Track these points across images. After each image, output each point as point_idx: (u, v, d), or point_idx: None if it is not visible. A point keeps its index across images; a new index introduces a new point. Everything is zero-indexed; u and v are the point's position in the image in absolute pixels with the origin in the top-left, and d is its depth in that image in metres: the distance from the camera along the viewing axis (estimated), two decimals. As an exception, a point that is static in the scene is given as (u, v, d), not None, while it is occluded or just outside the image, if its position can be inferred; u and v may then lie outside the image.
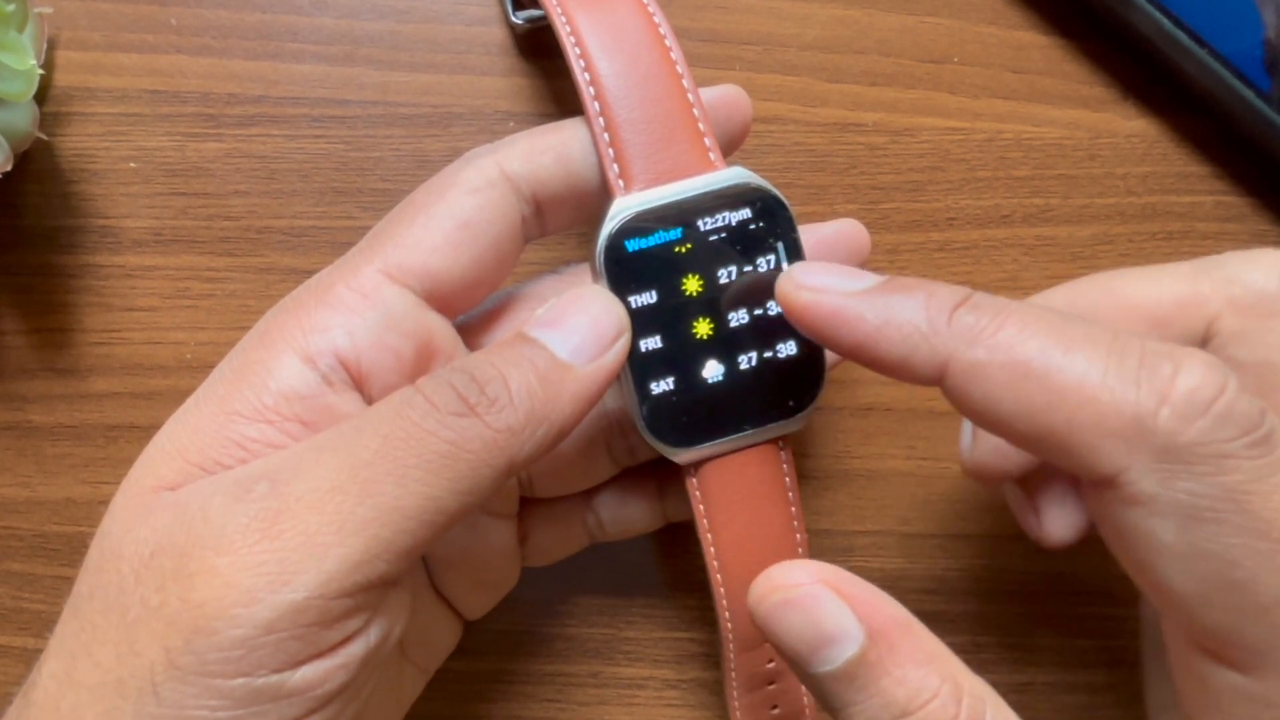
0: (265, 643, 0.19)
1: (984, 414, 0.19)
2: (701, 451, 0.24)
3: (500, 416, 0.20)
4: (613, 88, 0.24)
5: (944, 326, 0.19)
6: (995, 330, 0.19)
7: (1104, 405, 0.18)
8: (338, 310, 0.22)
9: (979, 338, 0.19)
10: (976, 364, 0.19)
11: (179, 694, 0.19)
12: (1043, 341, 0.19)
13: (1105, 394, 0.18)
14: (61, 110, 0.31)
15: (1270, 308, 0.22)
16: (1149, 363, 0.18)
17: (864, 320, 0.20)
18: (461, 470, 0.20)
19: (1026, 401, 0.19)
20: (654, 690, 0.31)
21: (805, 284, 0.21)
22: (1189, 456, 0.18)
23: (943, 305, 0.20)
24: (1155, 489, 0.18)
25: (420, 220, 0.23)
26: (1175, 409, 0.18)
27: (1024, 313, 0.19)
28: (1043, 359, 0.18)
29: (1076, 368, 0.18)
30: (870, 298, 0.20)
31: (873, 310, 0.20)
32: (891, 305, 0.20)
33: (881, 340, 0.20)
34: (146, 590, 0.20)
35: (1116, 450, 0.18)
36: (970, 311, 0.20)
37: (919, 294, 0.20)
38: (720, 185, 0.24)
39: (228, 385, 0.22)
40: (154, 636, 0.19)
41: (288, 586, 0.19)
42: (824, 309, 0.21)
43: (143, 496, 0.21)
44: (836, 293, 0.21)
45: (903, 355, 0.20)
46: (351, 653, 0.20)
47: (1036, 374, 0.18)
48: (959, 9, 0.33)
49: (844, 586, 0.20)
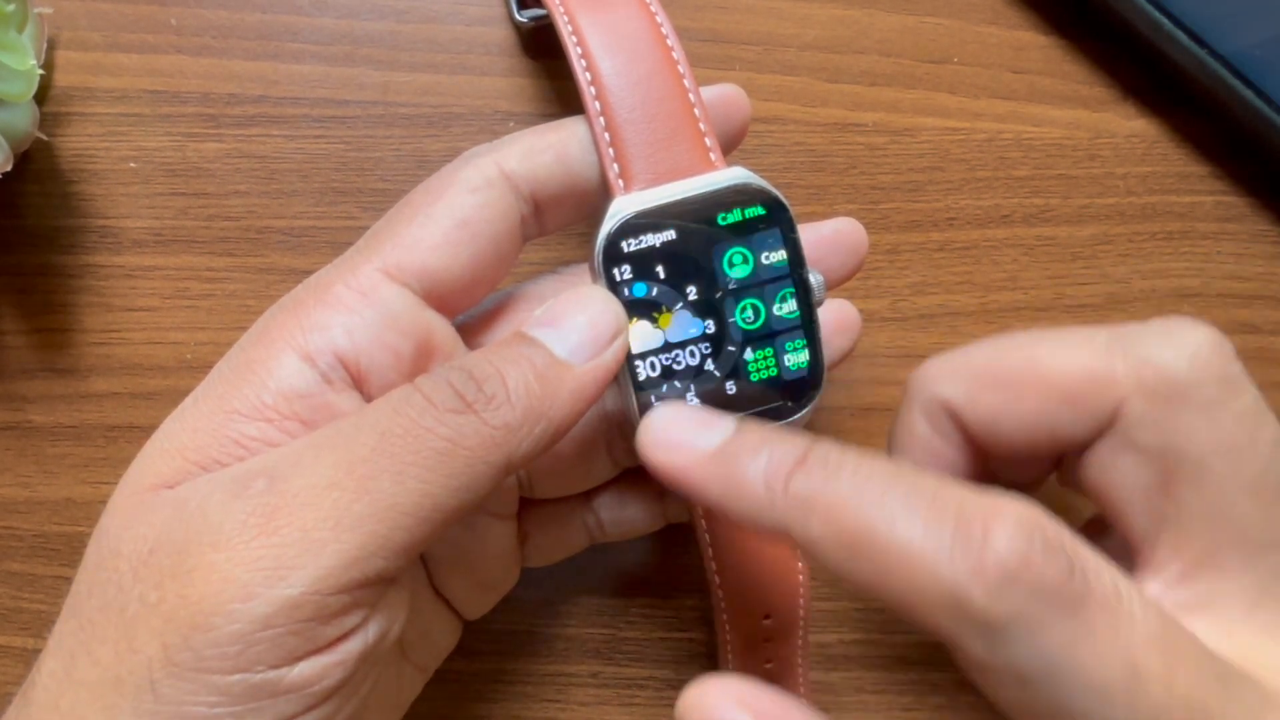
0: (262, 638, 0.19)
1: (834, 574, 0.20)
2: None
3: (498, 414, 0.20)
4: (614, 87, 0.24)
5: (780, 496, 0.20)
6: (827, 497, 0.19)
7: (927, 584, 0.18)
8: (337, 309, 0.22)
9: (812, 508, 0.19)
10: (812, 540, 0.19)
11: (177, 690, 0.19)
12: (870, 512, 0.19)
13: (925, 573, 0.18)
14: (61, 110, 0.32)
15: (1178, 393, 0.22)
16: (962, 529, 0.18)
17: (708, 489, 0.21)
18: (459, 467, 0.20)
19: (862, 575, 0.19)
20: (654, 690, 0.31)
21: (659, 440, 0.22)
22: (1005, 629, 0.18)
23: (779, 469, 0.20)
24: (985, 655, 0.18)
25: (419, 219, 0.23)
26: (985, 585, 0.18)
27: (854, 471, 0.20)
28: (870, 535, 0.19)
29: (900, 539, 0.19)
30: (715, 462, 0.21)
31: (717, 477, 0.21)
32: (734, 472, 0.20)
33: (729, 506, 0.20)
34: (145, 587, 0.20)
35: (945, 622, 0.18)
36: (804, 476, 0.20)
37: (761, 455, 0.20)
38: (720, 185, 0.24)
39: (227, 384, 0.22)
40: (152, 633, 0.19)
41: (284, 582, 0.19)
42: (675, 471, 0.21)
43: (141, 495, 0.21)
44: (688, 452, 0.21)
45: (750, 522, 0.20)
46: (349, 649, 0.20)
47: (865, 551, 0.19)
48: (959, 9, 0.33)
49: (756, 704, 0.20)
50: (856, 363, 0.32)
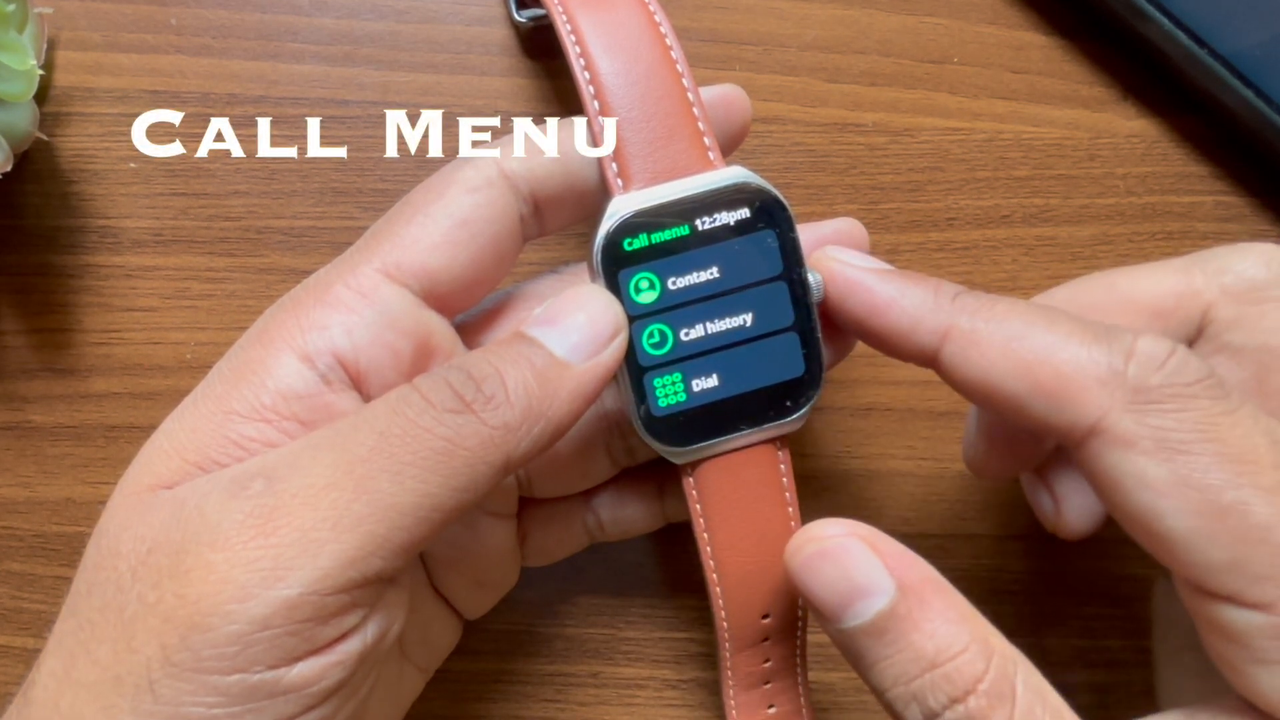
0: (260, 639, 0.19)
1: (977, 379, 0.22)
2: (699, 451, 0.24)
3: (497, 413, 0.20)
4: (613, 86, 0.24)
5: (947, 303, 0.22)
6: (990, 306, 0.22)
7: (1083, 360, 0.21)
8: (336, 309, 0.22)
9: (977, 312, 0.22)
10: (975, 330, 0.22)
11: (175, 691, 0.19)
12: (1028, 318, 0.22)
13: (1084, 351, 0.21)
14: (61, 110, 0.32)
15: (1261, 294, 0.24)
16: (1113, 334, 0.21)
17: (880, 290, 0.23)
18: (458, 467, 0.20)
19: (1016, 360, 0.21)
20: (654, 690, 0.31)
21: (836, 256, 0.24)
22: (1158, 395, 0.20)
23: (947, 289, 0.23)
24: (1134, 427, 0.20)
25: (419, 219, 0.23)
26: (1139, 361, 0.20)
27: (1011, 300, 0.22)
28: (1029, 328, 0.21)
29: (1057, 334, 0.21)
30: (886, 275, 0.23)
31: (888, 284, 0.23)
32: (904, 284, 0.23)
33: (892, 309, 0.23)
34: (143, 587, 0.20)
35: (1097, 395, 0.20)
36: (969, 295, 0.23)
37: (928, 280, 0.23)
38: (719, 184, 0.24)
39: (226, 384, 0.22)
40: (150, 633, 0.19)
41: (282, 582, 0.19)
42: (848, 277, 0.23)
43: (140, 495, 0.21)
44: (860, 268, 0.24)
45: (909, 325, 0.22)
46: (348, 649, 0.20)
47: (1025, 337, 0.21)
48: (959, 9, 0.33)
49: (877, 543, 0.22)
50: (856, 363, 0.32)
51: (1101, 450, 0.20)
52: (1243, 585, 0.20)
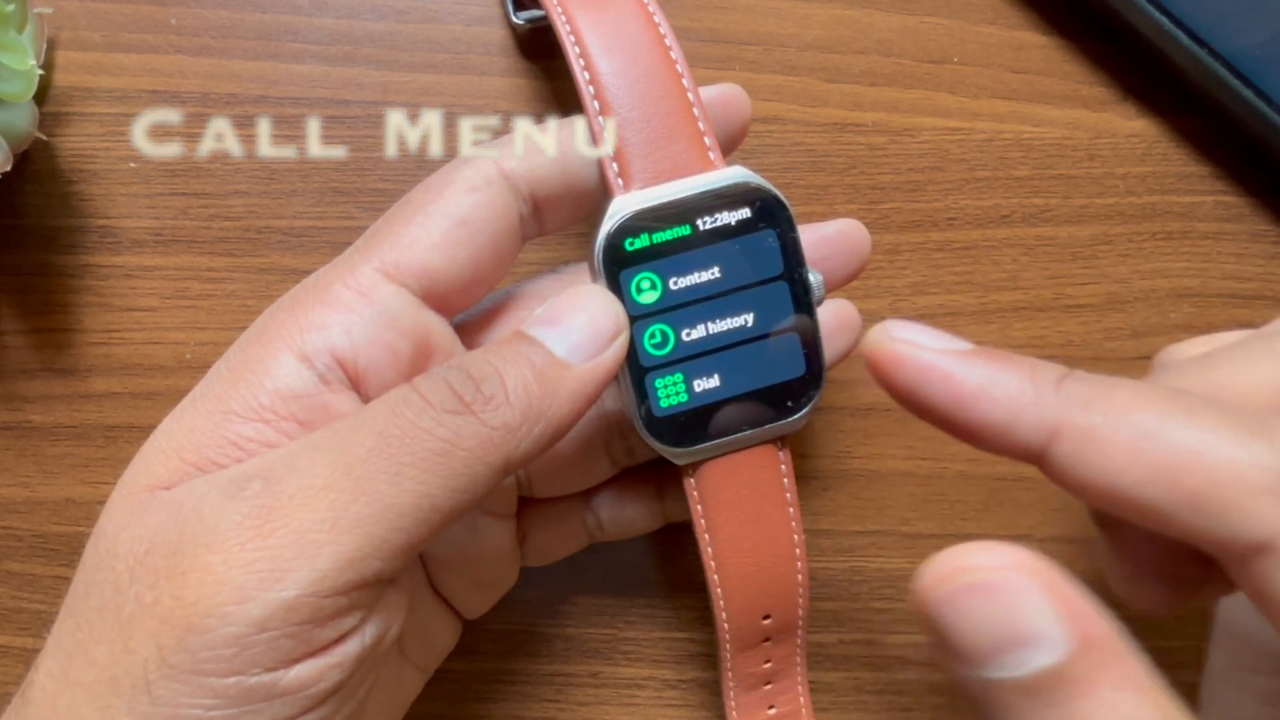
0: (258, 641, 0.19)
1: (1103, 483, 0.18)
2: (700, 452, 0.24)
3: (496, 414, 0.20)
4: (612, 86, 0.24)
5: (1051, 393, 0.18)
6: (1106, 396, 0.18)
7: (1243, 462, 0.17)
8: (335, 309, 0.22)
9: (1092, 402, 0.18)
10: (1093, 427, 0.18)
11: (172, 692, 0.19)
12: (1160, 407, 0.18)
13: (1242, 451, 0.17)
14: (61, 110, 0.32)
15: None
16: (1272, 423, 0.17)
17: (965, 380, 0.19)
18: (457, 468, 0.20)
19: (1154, 464, 0.17)
20: (654, 690, 0.31)
21: (900, 337, 0.20)
22: None
23: (1048, 375, 0.19)
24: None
25: (418, 219, 0.23)
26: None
27: (1133, 384, 0.18)
28: (1164, 423, 0.17)
29: (1202, 429, 0.17)
30: (970, 359, 0.19)
31: (974, 370, 0.19)
32: (994, 369, 0.19)
33: (985, 401, 0.19)
34: (141, 588, 0.20)
35: (1267, 508, 0.17)
36: (1077, 381, 0.18)
37: (1022, 364, 0.19)
38: (720, 184, 0.24)
39: (224, 384, 0.22)
40: (148, 634, 0.19)
41: (280, 584, 0.19)
42: (921, 363, 0.19)
43: (139, 495, 0.21)
44: (934, 350, 0.19)
45: (1006, 420, 0.18)
46: (346, 651, 0.20)
47: (1161, 434, 0.17)
48: (959, 9, 0.33)
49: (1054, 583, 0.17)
50: (856, 363, 0.32)
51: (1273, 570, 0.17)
52: None
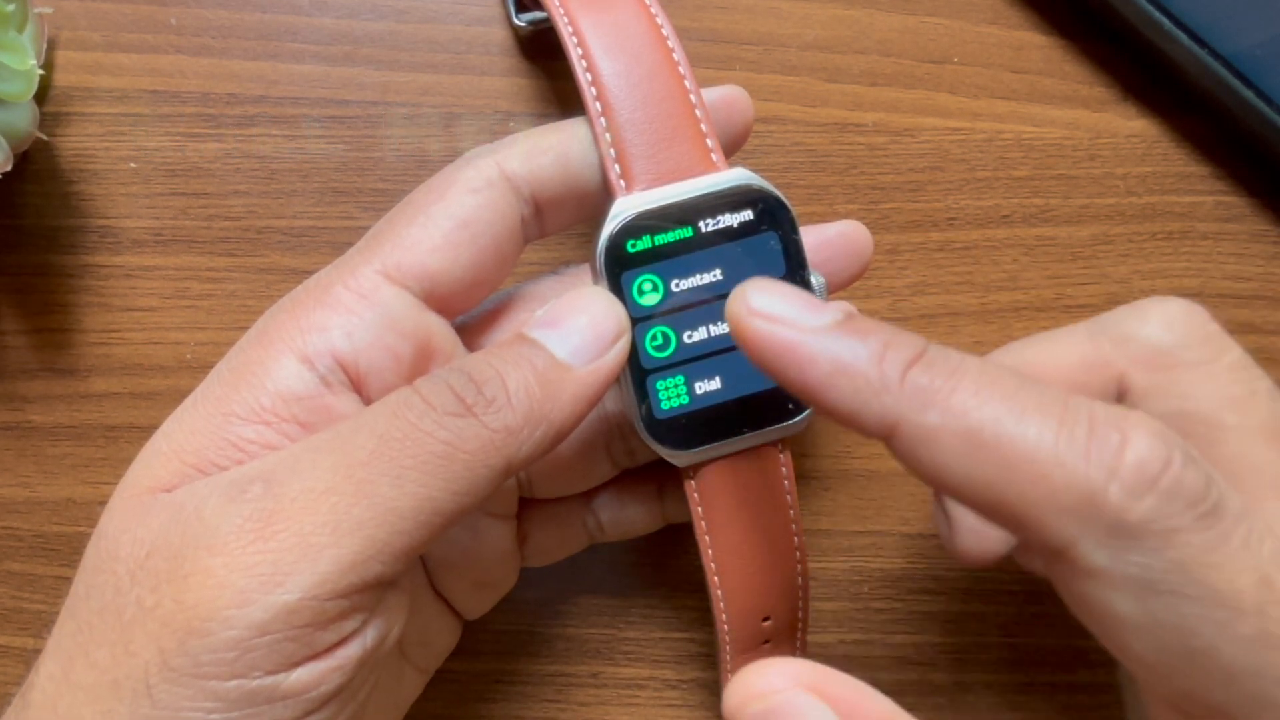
0: (259, 644, 0.19)
1: (933, 478, 0.19)
2: (701, 454, 0.24)
3: (498, 417, 0.20)
4: (614, 88, 0.24)
5: (895, 385, 0.18)
6: (949, 393, 0.18)
7: (1055, 480, 0.18)
8: (336, 310, 0.22)
9: (932, 400, 0.18)
10: (927, 428, 0.18)
11: (173, 695, 0.19)
12: (996, 408, 0.18)
13: (1056, 469, 0.18)
14: (61, 110, 0.31)
15: (1170, 359, 0.22)
16: (1099, 433, 0.18)
17: (815, 364, 0.19)
18: (458, 471, 0.20)
19: (978, 471, 0.18)
20: (654, 690, 0.31)
21: (758, 310, 0.19)
22: (1139, 532, 0.17)
23: (896, 360, 0.19)
24: (1107, 563, 0.18)
25: (419, 220, 0.23)
26: (1124, 485, 0.17)
27: (979, 374, 0.19)
28: (995, 427, 0.18)
29: (1029, 438, 0.18)
30: (824, 338, 0.19)
31: (826, 355, 0.19)
32: (845, 352, 0.19)
33: (831, 389, 0.19)
34: (142, 591, 0.20)
35: (1068, 525, 0.18)
36: (924, 371, 0.19)
37: (875, 343, 0.19)
38: (722, 186, 0.24)
39: (225, 386, 0.22)
40: (149, 638, 0.19)
41: (281, 588, 0.19)
42: (776, 343, 0.19)
43: (140, 498, 0.21)
44: (792, 326, 0.19)
45: (852, 409, 0.19)
46: (347, 654, 0.20)
47: (988, 444, 0.18)
48: (959, 9, 0.33)
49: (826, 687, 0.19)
50: (856, 363, 0.32)
51: (1072, 575, 0.18)
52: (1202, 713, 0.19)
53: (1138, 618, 0.18)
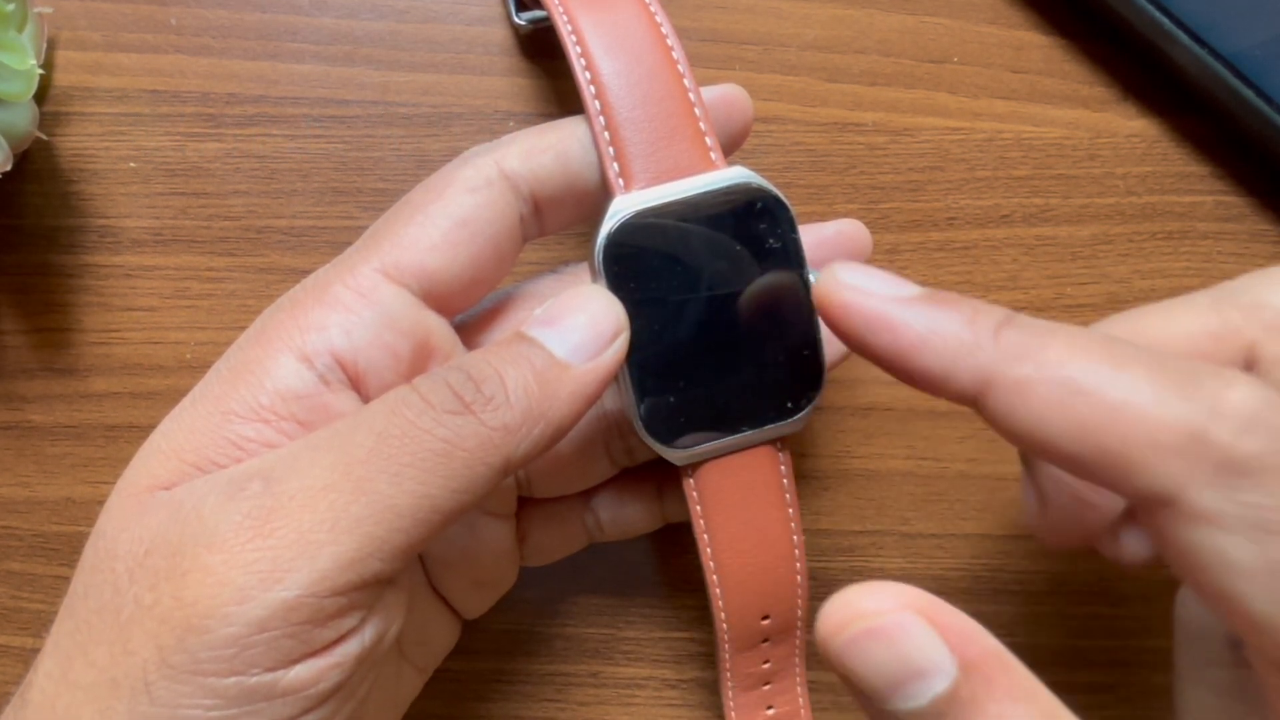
0: (258, 641, 0.19)
1: (1029, 433, 0.19)
2: (699, 452, 0.24)
3: (496, 415, 0.20)
4: (614, 86, 0.24)
5: (989, 342, 0.19)
6: (1041, 348, 0.19)
7: (1157, 421, 0.17)
8: (335, 309, 0.22)
9: (1026, 354, 0.19)
10: (1023, 380, 0.18)
11: (172, 693, 0.19)
12: (1091, 359, 0.18)
13: (1158, 409, 0.17)
14: (61, 110, 0.32)
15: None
16: (1197, 379, 0.18)
17: (908, 328, 0.20)
18: (457, 468, 0.20)
19: (1075, 419, 0.18)
20: (653, 690, 0.31)
21: (848, 283, 0.20)
22: (1250, 469, 0.17)
23: (988, 322, 0.19)
24: (1220, 504, 0.17)
25: (418, 219, 0.23)
26: (1230, 423, 0.17)
27: (1070, 333, 0.19)
28: (1092, 376, 0.18)
29: (1126, 384, 0.18)
30: (915, 306, 0.20)
31: (918, 319, 0.20)
32: (937, 316, 0.20)
33: (926, 350, 0.19)
34: (140, 589, 0.20)
35: (1174, 466, 0.17)
36: (1016, 329, 0.19)
37: (964, 309, 0.20)
38: (721, 184, 0.24)
39: (224, 384, 0.22)
40: (147, 635, 0.19)
41: (280, 584, 0.19)
42: (867, 311, 0.20)
43: (138, 496, 0.21)
44: (880, 296, 0.20)
45: (944, 368, 0.19)
46: (346, 651, 0.20)
47: (1086, 391, 0.18)
48: (959, 9, 0.33)
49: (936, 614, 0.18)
50: (857, 363, 0.32)
51: (1178, 524, 0.18)
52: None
53: (1254, 563, 0.17)
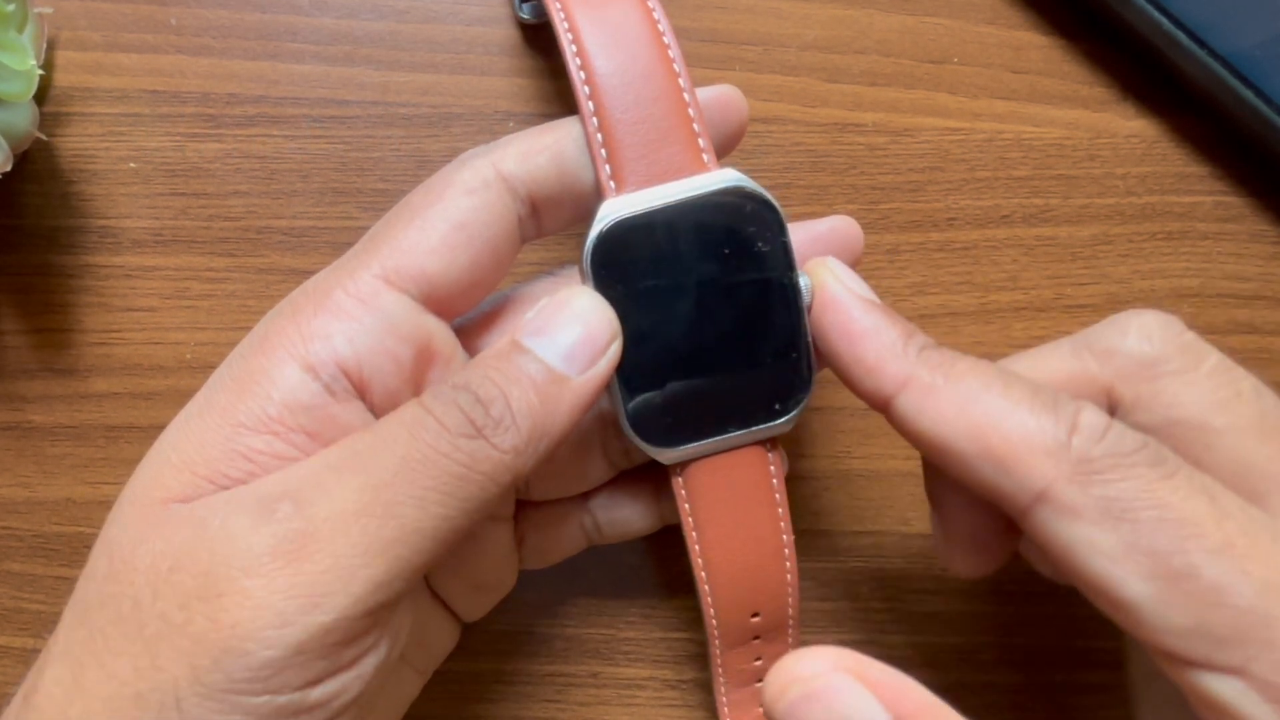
0: (294, 663, 0.19)
1: (928, 434, 0.22)
2: (687, 452, 0.24)
3: (505, 437, 0.21)
4: (607, 86, 0.23)
5: (914, 353, 0.23)
6: (951, 364, 0.22)
7: (1031, 429, 0.21)
8: (337, 316, 0.22)
9: (939, 368, 0.22)
10: (932, 386, 0.22)
11: (203, 710, 0.19)
12: (986, 380, 0.22)
13: (1032, 420, 0.21)
14: (61, 110, 0.32)
15: (1153, 370, 0.23)
16: (1060, 402, 0.21)
17: (859, 320, 0.23)
18: (472, 491, 0.21)
19: (968, 421, 0.21)
20: (653, 690, 0.31)
21: (832, 269, 0.24)
22: (1100, 465, 0.20)
23: (917, 340, 0.23)
24: (1079, 496, 0.20)
25: (416, 223, 0.23)
26: (1082, 434, 0.21)
27: (975, 361, 0.23)
28: (986, 391, 0.22)
29: (1011, 399, 0.21)
30: (869, 307, 0.24)
31: (868, 316, 0.23)
32: (884, 320, 0.23)
33: (865, 341, 0.23)
34: (167, 606, 0.20)
35: (1044, 464, 0.21)
36: (935, 351, 0.23)
37: (904, 326, 0.23)
38: (712, 187, 0.23)
39: (230, 395, 0.22)
40: (179, 653, 0.19)
41: (319, 609, 0.19)
42: (834, 294, 0.24)
43: (152, 508, 0.21)
44: (849, 289, 0.24)
45: (875, 362, 0.23)
46: (366, 664, 0.21)
47: (980, 401, 0.22)
48: (959, 9, 0.33)
49: (866, 672, 0.20)
50: (856, 363, 0.32)
51: (1049, 518, 0.21)
52: (1210, 650, 0.19)
53: (1117, 547, 0.20)
